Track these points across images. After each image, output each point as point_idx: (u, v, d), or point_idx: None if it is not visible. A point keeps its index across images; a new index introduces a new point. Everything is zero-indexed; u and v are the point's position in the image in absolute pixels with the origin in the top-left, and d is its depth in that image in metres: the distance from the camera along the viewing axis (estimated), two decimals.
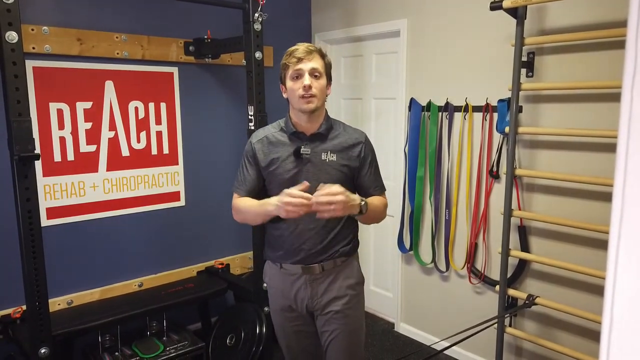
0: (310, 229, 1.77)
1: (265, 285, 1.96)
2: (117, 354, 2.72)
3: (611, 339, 0.41)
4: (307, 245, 1.80)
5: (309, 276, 1.82)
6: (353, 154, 1.81)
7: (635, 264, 0.40)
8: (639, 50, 0.37)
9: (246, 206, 1.82)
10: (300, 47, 1.74)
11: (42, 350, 2.16)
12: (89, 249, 2.86)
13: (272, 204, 1.66)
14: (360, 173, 1.84)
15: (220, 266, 3.34)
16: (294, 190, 1.58)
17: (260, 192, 1.88)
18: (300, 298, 1.86)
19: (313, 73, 1.72)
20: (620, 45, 2.21)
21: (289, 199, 1.57)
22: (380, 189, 1.89)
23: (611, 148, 2.29)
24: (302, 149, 1.76)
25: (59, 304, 2.74)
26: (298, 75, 1.73)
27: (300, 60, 1.72)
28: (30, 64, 2.52)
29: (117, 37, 2.81)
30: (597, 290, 2.40)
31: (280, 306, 1.91)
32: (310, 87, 1.71)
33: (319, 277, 1.83)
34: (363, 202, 1.68)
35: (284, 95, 1.82)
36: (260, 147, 1.84)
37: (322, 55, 1.78)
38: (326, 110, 1.85)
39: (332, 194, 1.56)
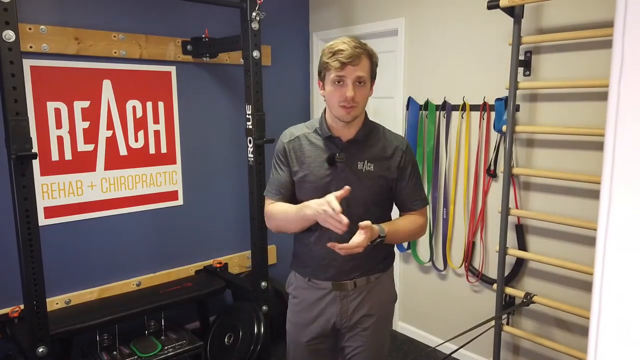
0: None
1: (290, 294, 1.82)
2: (115, 353, 2.72)
3: (599, 333, 0.41)
4: (338, 262, 1.64)
5: (339, 292, 1.68)
6: (392, 163, 1.64)
7: (622, 259, 0.41)
8: (625, 45, 0.37)
9: (281, 211, 1.64)
10: (347, 48, 1.49)
11: (40, 350, 2.17)
12: (87, 248, 2.86)
13: (311, 207, 1.50)
14: (399, 185, 1.67)
15: (218, 265, 3.34)
16: (336, 204, 1.42)
17: (294, 196, 1.70)
18: (329, 314, 1.70)
19: (358, 81, 1.52)
20: None
21: (329, 211, 1.42)
22: (420, 204, 1.71)
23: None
24: (337, 157, 1.59)
25: (57, 303, 2.74)
26: (340, 82, 1.52)
27: (344, 65, 1.49)
28: (27, 63, 2.52)
29: (114, 36, 2.81)
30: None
31: (302, 319, 1.75)
32: (353, 98, 1.51)
33: (351, 293, 1.68)
34: (379, 240, 1.54)
35: (321, 93, 1.63)
36: (292, 147, 1.67)
37: (370, 56, 1.56)
38: (366, 113, 1.67)
39: (352, 247, 1.45)
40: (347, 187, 1.46)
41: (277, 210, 1.66)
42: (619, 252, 0.41)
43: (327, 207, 1.43)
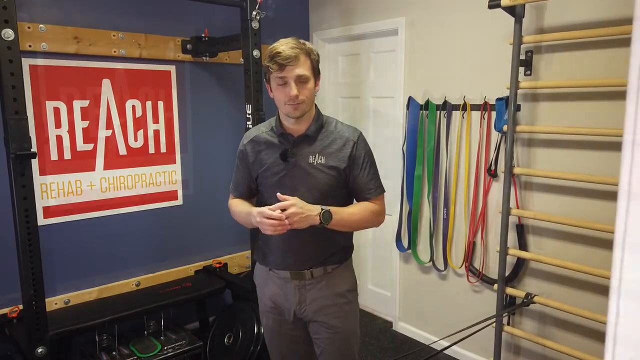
0: (297, 234, 1.63)
1: (256, 285, 1.92)
2: (114, 353, 2.71)
3: (617, 335, 0.41)
4: (294, 251, 1.72)
5: (298, 282, 1.74)
6: (343, 154, 1.68)
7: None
8: None
9: (236, 211, 1.80)
10: (283, 50, 1.55)
11: (39, 350, 2.15)
12: (86, 248, 2.85)
13: (254, 216, 1.60)
14: (352, 175, 1.70)
15: (218, 265, 3.33)
16: (267, 210, 1.54)
17: (256, 192, 1.83)
18: (289, 303, 1.78)
19: (299, 80, 1.58)
20: (619, 43, 2.21)
21: (265, 221, 1.53)
22: (375, 192, 1.73)
23: (609, 146, 2.29)
24: (288, 152, 1.67)
25: (55, 303, 2.72)
26: (283, 83, 1.59)
27: (282, 67, 1.56)
28: (26, 62, 2.50)
29: (114, 35, 2.79)
30: (596, 288, 2.40)
31: (269, 308, 1.84)
32: (297, 96, 1.58)
33: (308, 283, 1.74)
34: (323, 211, 1.57)
35: (270, 95, 1.69)
36: (250, 148, 1.77)
37: (308, 54, 1.61)
38: (317, 109, 1.73)
39: (282, 207, 1.52)
40: (278, 195, 1.55)
41: (233, 210, 1.83)
42: (637, 252, 0.40)
43: (259, 218, 1.56)
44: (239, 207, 1.80)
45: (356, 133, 1.74)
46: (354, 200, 1.79)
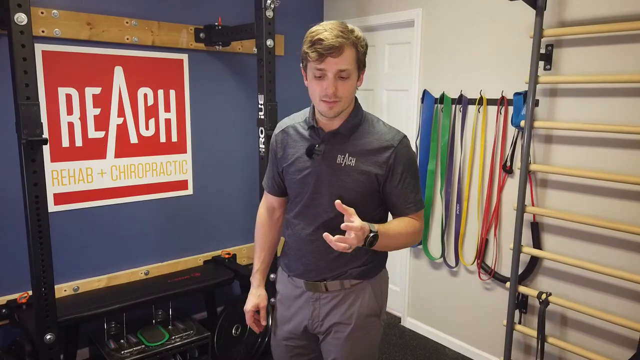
0: (312, 240, 1.48)
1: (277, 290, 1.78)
2: (122, 341, 2.71)
3: None
4: (306, 259, 1.55)
5: (312, 294, 1.57)
6: (379, 159, 1.45)
7: None
8: None
9: (255, 236, 1.76)
10: (326, 38, 1.32)
11: (48, 337, 2.15)
12: (96, 236, 2.85)
13: (250, 294, 1.72)
14: (388, 185, 1.47)
15: (227, 256, 3.32)
16: (249, 316, 1.68)
17: (285, 190, 1.65)
18: (302, 316, 1.60)
19: (339, 75, 1.36)
20: None
21: (248, 319, 1.67)
22: (414, 208, 1.51)
23: (631, 144, 2.23)
24: (315, 148, 1.48)
25: (65, 290, 2.73)
26: (320, 76, 1.37)
27: (323, 57, 1.33)
28: (39, 48, 2.49)
29: (127, 22, 2.77)
30: (611, 289, 2.35)
31: (280, 316, 1.69)
32: (334, 93, 1.37)
33: (323, 297, 1.56)
34: (371, 235, 1.34)
35: (305, 84, 1.47)
36: (280, 138, 1.60)
37: (355, 44, 1.37)
38: (357, 104, 1.51)
39: (349, 232, 1.29)
40: (337, 203, 1.33)
41: (256, 229, 1.75)
42: None
43: (248, 315, 1.66)
44: (258, 232, 1.74)
45: (398, 137, 1.49)
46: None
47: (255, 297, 1.69)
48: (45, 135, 2.04)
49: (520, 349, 2.76)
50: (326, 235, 1.30)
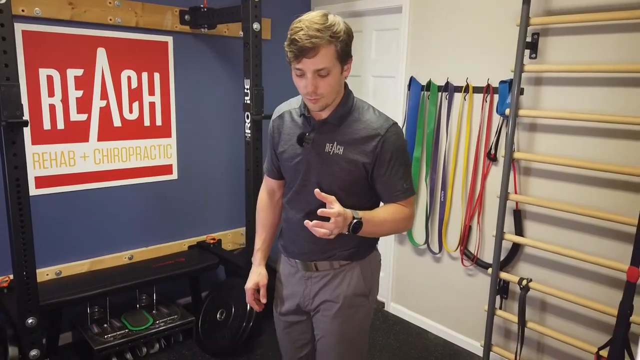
0: (303, 226, 1.46)
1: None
2: (105, 325, 2.70)
3: None
4: (300, 243, 1.61)
5: (304, 272, 1.64)
6: (366, 148, 1.46)
7: None
8: None
9: (257, 217, 1.79)
10: (301, 38, 1.31)
11: (30, 321, 2.14)
12: (78, 220, 2.82)
13: (251, 272, 1.73)
14: (375, 173, 1.49)
15: (212, 241, 3.32)
16: (249, 294, 1.70)
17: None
18: (296, 293, 1.67)
19: (318, 74, 1.37)
20: (629, 28, 2.16)
21: (248, 297, 1.70)
22: (404, 194, 1.51)
23: (613, 133, 2.26)
24: (305, 137, 1.51)
25: (47, 274, 2.70)
26: (300, 74, 1.39)
27: (299, 58, 1.34)
28: (19, 27, 2.43)
29: (110, 3, 2.71)
30: (590, 275, 2.40)
31: (278, 292, 1.74)
32: (314, 91, 1.39)
33: (314, 276, 1.62)
34: (354, 222, 1.39)
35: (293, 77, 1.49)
36: (277, 124, 1.62)
37: (332, 40, 1.34)
38: (347, 92, 1.53)
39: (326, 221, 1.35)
40: (317, 192, 1.39)
41: (257, 212, 1.79)
42: None
43: (248, 293, 1.69)
44: (259, 215, 1.78)
45: (386, 125, 1.49)
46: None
47: (256, 275, 1.71)
48: (26, 117, 2.01)
49: (500, 333, 2.82)
50: (306, 222, 1.36)
